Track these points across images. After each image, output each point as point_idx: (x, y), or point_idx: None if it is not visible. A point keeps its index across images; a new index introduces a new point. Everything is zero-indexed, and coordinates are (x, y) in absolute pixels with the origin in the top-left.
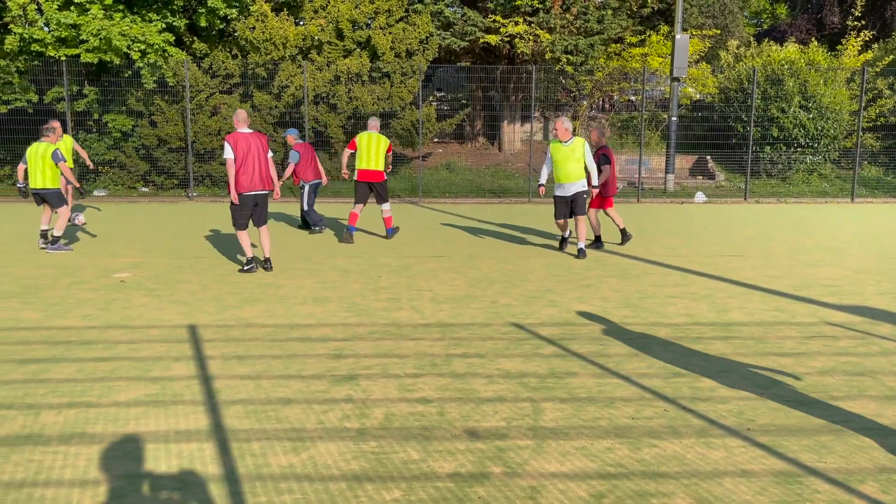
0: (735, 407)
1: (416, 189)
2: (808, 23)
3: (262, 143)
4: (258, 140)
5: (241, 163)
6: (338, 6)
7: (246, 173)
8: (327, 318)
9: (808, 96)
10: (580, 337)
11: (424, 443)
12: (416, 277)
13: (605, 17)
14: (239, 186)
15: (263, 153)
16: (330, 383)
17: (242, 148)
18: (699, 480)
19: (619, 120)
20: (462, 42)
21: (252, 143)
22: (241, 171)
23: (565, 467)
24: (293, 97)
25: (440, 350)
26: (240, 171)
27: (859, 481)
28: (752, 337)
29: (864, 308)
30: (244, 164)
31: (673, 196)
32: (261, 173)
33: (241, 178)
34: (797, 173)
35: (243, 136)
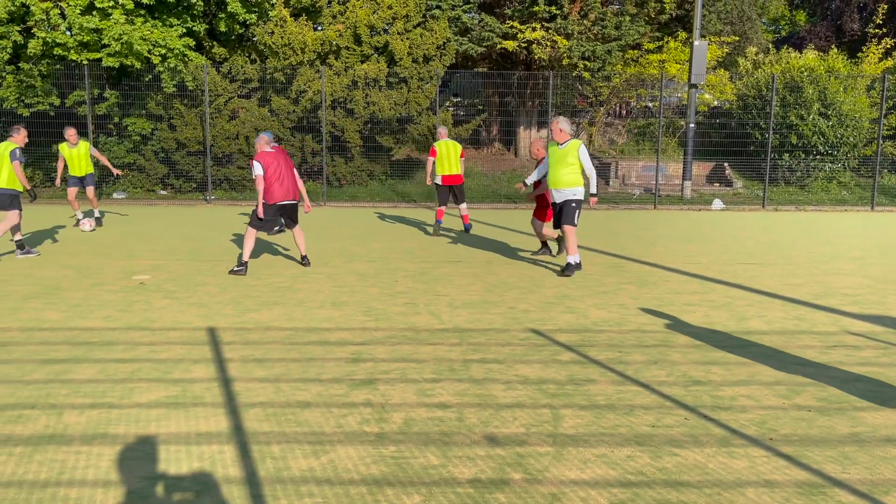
0: (757, 416)
1: (433, 194)
2: (828, 30)
3: (286, 159)
4: (283, 155)
5: (276, 177)
6: (356, 11)
7: (280, 185)
8: (345, 322)
9: (827, 104)
10: (598, 344)
11: (444, 448)
12: (434, 282)
13: (623, 24)
14: (271, 197)
15: (290, 167)
16: (349, 387)
17: (273, 164)
18: (721, 490)
19: (635, 126)
20: (479, 48)
21: (278, 159)
22: (276, 184)
23: (586, 475)
24: (311, 102)
25: (458, 355)
26: (274, 184)
27: (884, 492)
28: (772, 345)
29: (887, 318)
30: (278, 178)
31: (690, 203)
32: (291, 185)
33: (276, 189)
34: (816, 181)
35: (270, 154)
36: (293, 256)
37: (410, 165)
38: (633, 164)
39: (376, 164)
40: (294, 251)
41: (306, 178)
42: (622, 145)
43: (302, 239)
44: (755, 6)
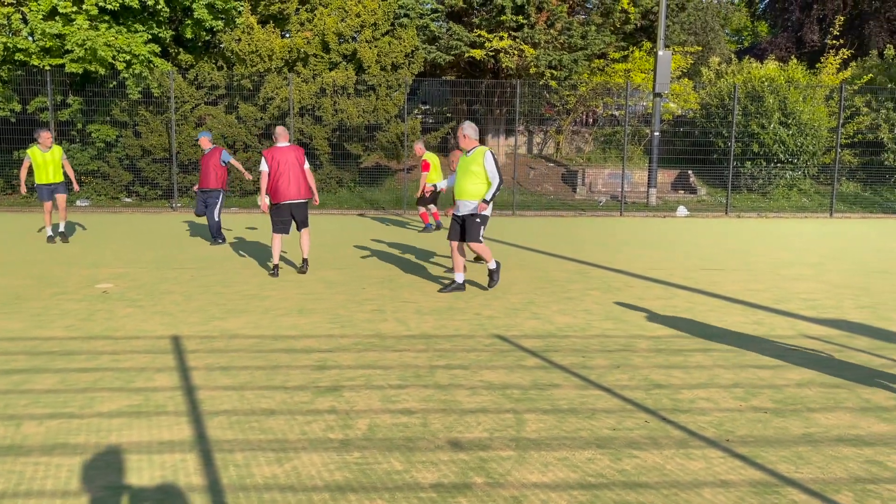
0: (715, 418)
1: (401, 201)
2: (788, 41)
3: (298, 156)
4: (295, 153)
5: (279, 174)
6: (324, 19)
7: (286, 184)
8: (311, 329)
9: (787, 113)
10: (563, 349)
11: (408, 453)
12: (401, 289)
13: (589, 33)
14: (276, 196)
15: (300, 165)
16: (314, 394)
17: (278, 160)
18: (679, 490)
19: (602, 134)
20: (447, 56)
21: (288, 157)
22: (280, 182)
23: (547, 477)
24: (278, 109)
25: (424, 361)
26: (278, 182)
27: (835, 491)
28: (731, 349)
29: (842, 322)
30: (281, 175)
31: (655, 210)
32: (298, 184)
33: (280, 187)
34: (777, 188)
35: (280, 150)
36: (262, 264)
37: (379, 173)
38: (600, 172)
39: (345, 171)
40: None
41: None
42: (589, 153)
43: (307, 242)
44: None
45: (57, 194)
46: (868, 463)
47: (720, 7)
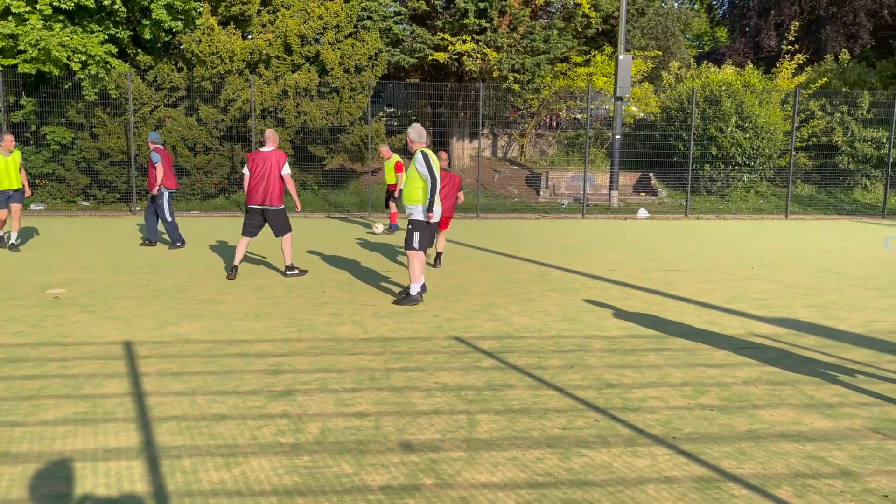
0: (663, 416)
1: (366, 204)
2: (746, 46)
3: (276, 162)
4: (274, 158)
5: (256, 179)
6: (286, 21)
7: (256, 188)
8: (268, 333)
9: (744, 116)
10: (519, 350)
11: (358, 456)
12: (361, 292)
13: (551, 37)
14: (249, 199)
15: (276, 171)
16: (266, 399)
17: (258, 164)
18: (624, 488)
19: (565, 137)
20: (411, 59)
21: (267, 161)
22: (254, 186)
23: (496, 477)
24: (240, 111)
25: (380, 364)
26: (254, 186)
27: (775, 486)
28: (683, 349)
29: (791, 320)
30: (258, 180)
31: (617, 212)
32: (267, 190)
33: (252, 191)
34: (735, 190)
35: (261, 154)
36: (220, 268)
37: (343, 175)
38: (563, 175)
39: (308, 173)
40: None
41: (235, 188)
42: (553, 156)
43: (288, 248)
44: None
45: (13, 203)
46: (809, 458)
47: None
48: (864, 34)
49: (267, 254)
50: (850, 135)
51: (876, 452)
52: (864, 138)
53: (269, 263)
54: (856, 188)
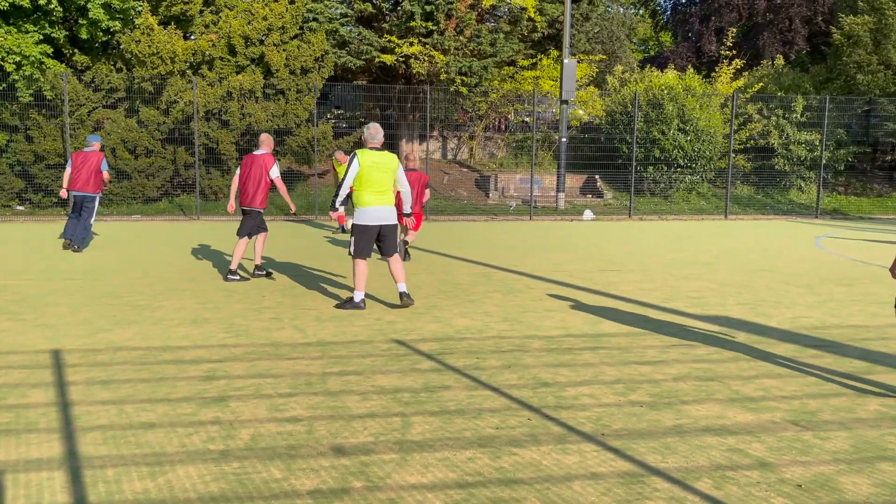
0: (594, 414)
1: (313, 206)
2: (689, 50)
3: (263, 165)
4: (261, 161)
5: (243, 180)
6: (229, 21)
7: (244, 190)
8: (204, 339)
9: (685, 120)
10: (458, 351)
11: (289, 461)
12: (303, 296)
13: (498, 41)
14: (240, 200)
15: (262, 173)
16: (198, 406)
17: (247, 166)
18: (551, 485)
19: (513, 140)
20: (358, 61)
21: (254, 164)
22: (241, 187)
23: (426, 478)
24: (182, 113)
25: (317, 369)
26: (241, 187)
27: (695, 479)
28: (618, 347)
29: (723, 318)
30: (245, 182)
31: (564, 214)
32: (253, 191)
33: (240, 192)
34: (677, 192)
35: (250, 157)
36: (158, 274)
37: (291, 178)
38: (512, 177)
39: None
40: (161, 268)
41: (179, 191)
42: (501, 158)
43: (260, 248)
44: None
45: None
46: (730, 451)
47: (626, 18)
48: (799, 40)
49: (212, 259)
50: (786, 137)
51: (793, 444)
52: (798, 141)
53: (218, 265)
54: (791, 189)
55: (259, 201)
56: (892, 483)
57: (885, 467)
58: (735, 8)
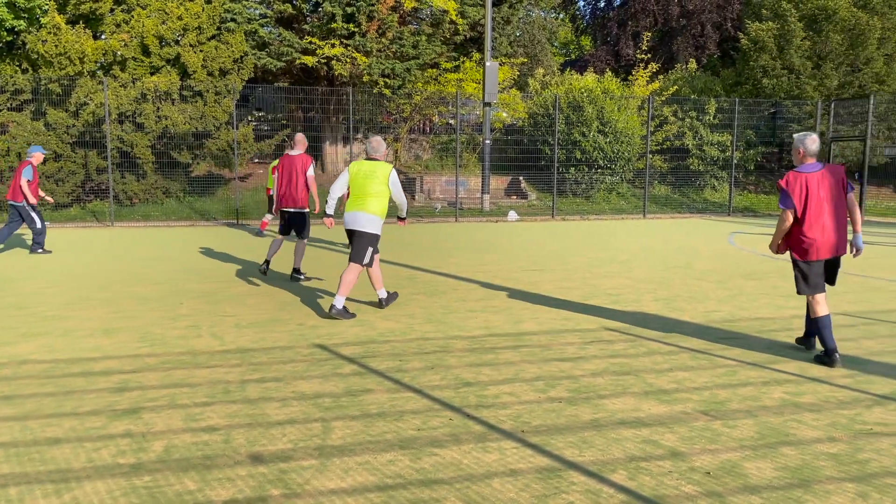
0: (514, 411)
1: (235, 211)
2: (608, 54)
3: (301, 165)
4: (300, 161)
5: (284, 181)
6: (142, 21)
7: (280, 193)
8: (116, 350)
9: (605, 122)
10: (381, 354)
11: (204, 472)
12: (222, 303)
13: (420, 43)
14: (278, 202)
15: (299, 174)
16: (108, 419)
17: (285, 167)
18: (471, 483)
19: (438, 142)
20: (279, 62)
21: (293, 165)
22: (279, 192)
23: (346, 483)
24: (93, 115)
25: (236, 377)
26: (277, 191)
27: (611, 471)
28: (539, 345)
29: (639, 314)
30: (282, 185)
31: (489, 215)
32: (291, 192)
33: (276, 197)
34: (598, 192)
35: (288, 158)
36: (68, 283)
37: (211, 181)
38: (437, 179)
39: (172, 180)
40: (71, 278)
41: (92, 196)
42: (426, 160)
43: (300, 254)
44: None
45: None
46: (644, 442)
47: (546, 22)
48: (711, 45)
49: (126, 266)
50: (699, 139)
51: (703, 433)
52: (711, 142)
53: (133, 272)
54: (705, 188)
55: (298, 201)
56: (794, 466)
57: (787, 451)
58: (650, 13)
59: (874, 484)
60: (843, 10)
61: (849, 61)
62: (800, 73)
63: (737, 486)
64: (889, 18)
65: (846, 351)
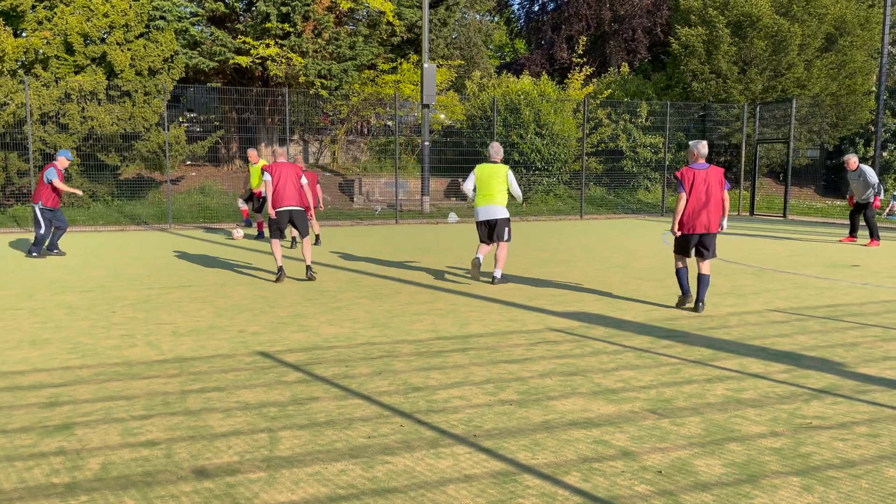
0: (465, 415)
1: (166, 215)
2: (543, 57)
3: (295, 171)
4: (292, 168)
5: (279, 186)
6: (66, 18)
7: (281, 194)
8: (44, 362)
9: (541, 124)
10: (326, 360)
11: (145, 489)
12: (157, 310)
13: (357, 44)
14: (275, 203)
15: (297, 178)
16: (38, 436)
17: (279, 173)
18: (426, 491)
19: (377, 144)
20: (211, 62)
21: (287, 170)
22: (278, 193)
23: (296, 495)
24: (14, 116)
25: (175, 387)
26: (277, 192)
27: (565, 472)
28: (486, 347)
29: (583, 314)
30: (283, 186)
31: (429, 217)
32: (294, 193)
33: (278, 196)
34: (536, 194)
35: (278, 165)
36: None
37: (141, 184)
38: (376, 181)
39: (99, 183)
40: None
41: (13, 200)
42: (365, 162)
43: (308, 250)
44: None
45: None
46: (595, 443)
47: (482, 24)
48: (642, 49)
49: (50, 274)
50: (633, 141)
51: (652, 432)
52: (644, 144)
53: (59, 279)
54: (639, 189)
55: (301, 200)
56: (741, 462)
57: (733, 447)
58: (583, 18)
59: (817, 477)
60: (766, 18)
61: (772, 66)
62: (727, 77)
63: (688, 484)
64: (808, 26)
65: (782, 347)
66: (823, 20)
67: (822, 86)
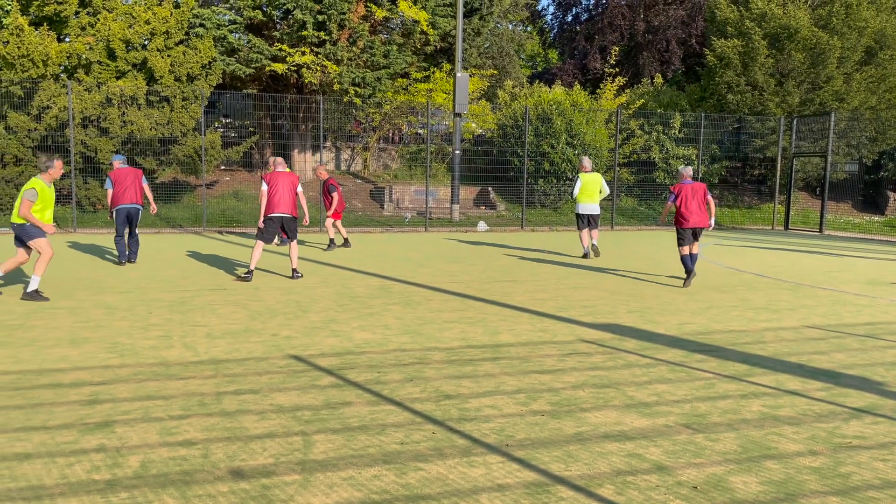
0: (497, 425)
1: (201, 218)
2: (575, 67)
3: (291, 181)
4: (288, 178)
5: (274, 194)
6: (108, 24)
7: (276, 201)
8: (84, 360)
9: (573, 134)
10: (359, 365)
11: (183, 488)
12: (192, 312)
13: (391, 52)
14: (268, 210)
15: (292, 188)
16: (80, 433)
17: (275, 182)
18: (458, 499)
19: (408, 152)
20: (248, 69)
21: (284, 179)
22: (273, 200)
23: (331, 499)
24: (56, 119)
25: (210, 388)
26: (272, 200)
27: (598, 485)
28: (517, 357)
29: (615, 325)
30: (277, 195)
31: (459, 225)
32: (288, 202)
33: (272, 204)
34: (567, 203)
35: (276, 174)
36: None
37: (177, 188)
38: (406, 189)
39: None
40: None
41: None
42: (395, 170)
43: (295, 254)
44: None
45: None
46: (629, 456)
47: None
48: (676, 60)
49: (90, 274)
50: (665, 152)
51: (686, 447)
52: (677, 155)
53: (97, 280)
54: None
55: (293, 209)
56: (778, 481)
57: (770, 465)
58: (617, 28)
59: (857, 497)
60: (805, 30)
61: (810, 79)
62: (763, 89)
63: (725, 501)
64: (848, 38)
65: (819, 364)
66: (863, 33)
67: (862, 99)
